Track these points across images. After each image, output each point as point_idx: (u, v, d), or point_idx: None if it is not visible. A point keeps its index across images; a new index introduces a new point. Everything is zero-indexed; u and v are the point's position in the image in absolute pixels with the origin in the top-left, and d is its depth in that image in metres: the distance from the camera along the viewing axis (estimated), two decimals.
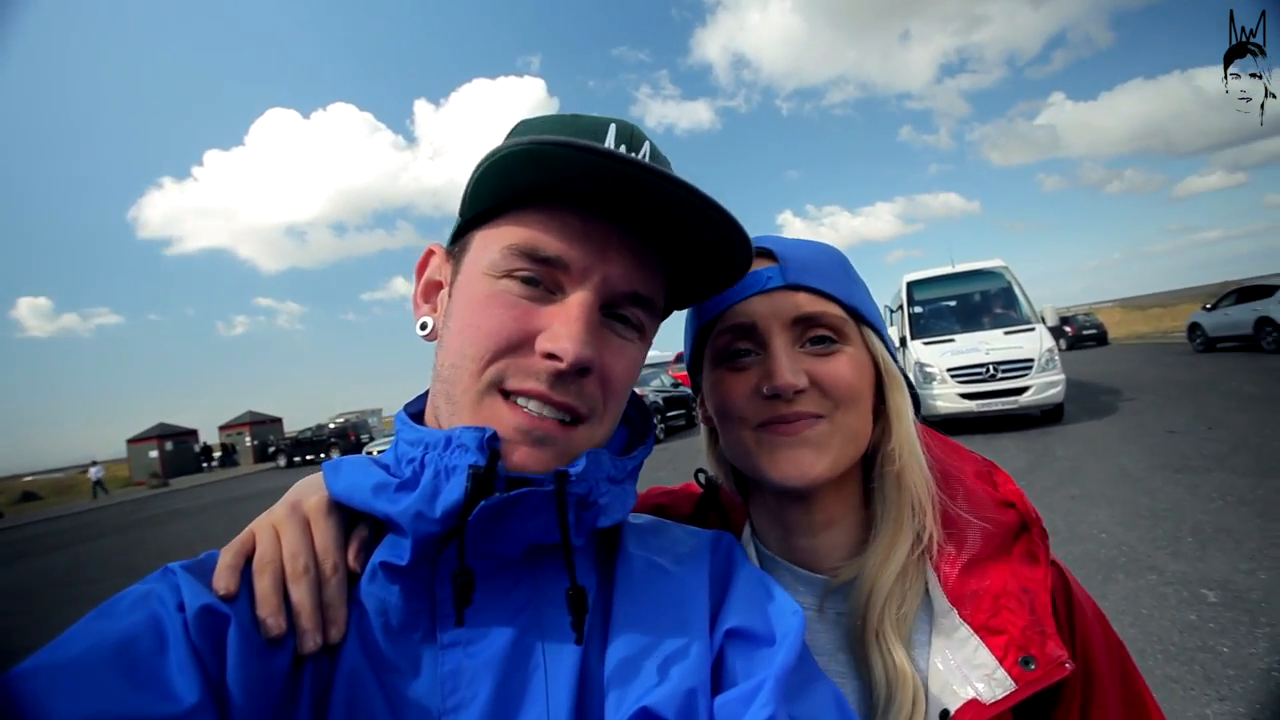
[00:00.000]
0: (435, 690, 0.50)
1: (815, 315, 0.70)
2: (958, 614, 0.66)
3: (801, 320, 0.70)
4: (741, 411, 0.72)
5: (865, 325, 0.74)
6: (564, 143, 0.47)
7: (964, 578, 0.67)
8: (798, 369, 0.68)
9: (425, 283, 0.64)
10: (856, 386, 0.70)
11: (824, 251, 0.76)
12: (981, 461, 0.78)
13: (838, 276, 0.73)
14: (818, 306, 0.70)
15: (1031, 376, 9.19)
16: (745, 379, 0.71)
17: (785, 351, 0.69)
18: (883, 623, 0.66)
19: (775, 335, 0.70)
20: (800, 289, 0.71)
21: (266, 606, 0.48)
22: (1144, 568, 4.07)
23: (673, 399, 16.23)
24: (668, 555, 0.62)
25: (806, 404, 0.68)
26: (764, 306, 0.70)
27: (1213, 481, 5.67)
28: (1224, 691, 2.71)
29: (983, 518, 0.70)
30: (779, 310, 0.70)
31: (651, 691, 0.50)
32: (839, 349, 0.71)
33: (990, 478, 0.75)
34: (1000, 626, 0.63)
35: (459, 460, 0.50)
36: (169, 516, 16.67)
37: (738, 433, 0.73)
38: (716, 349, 0.74)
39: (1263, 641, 3.05)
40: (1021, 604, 0.64)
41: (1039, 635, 0.62)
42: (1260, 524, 4.54)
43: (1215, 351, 17.37)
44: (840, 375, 0.69)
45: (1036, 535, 0.69)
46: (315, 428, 33.71)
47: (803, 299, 0.70)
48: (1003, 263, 10.93)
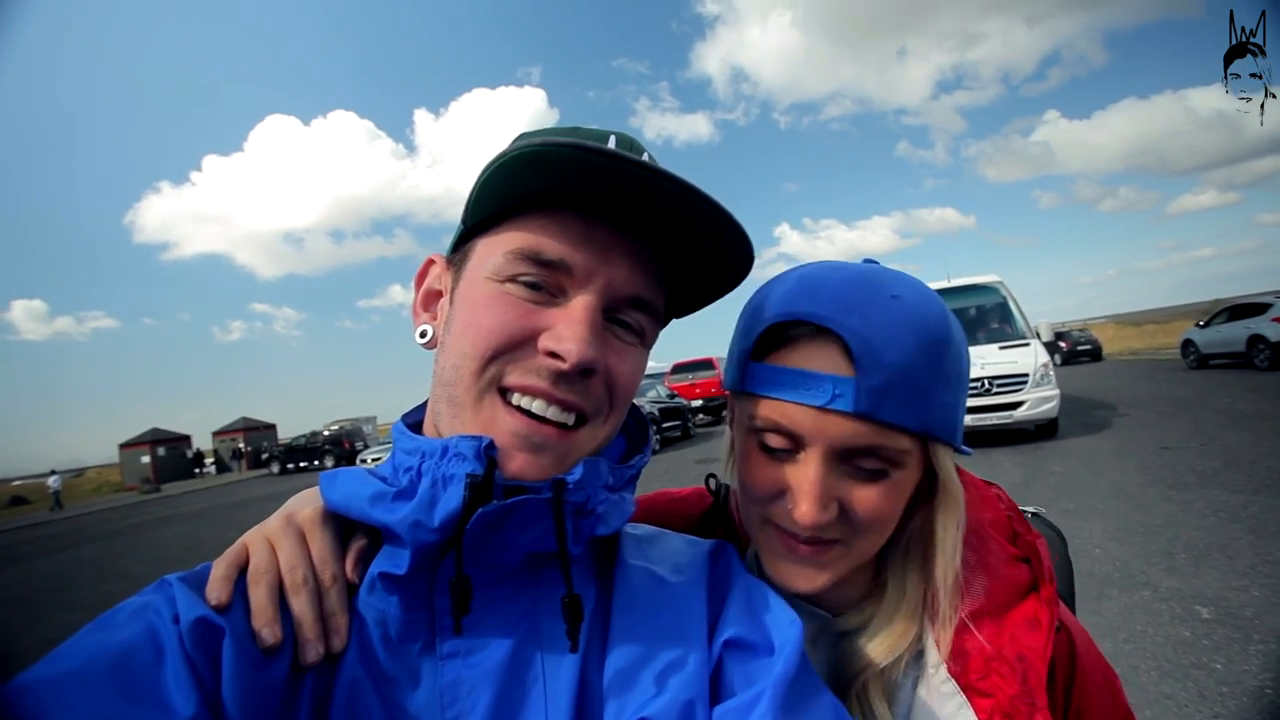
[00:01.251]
0: (435, 701, 0.49)
1: (874, 448, 0.58)
2: (946, 669, 0.63)
3: (856, 451, 0.59)
4: (759, 497, 0.65)
5: (937, 441, 0.61)
6: (569, 144, 0.48)
7: (959, 635, 0.63)
8: (830, 501, 0.59)
9: (425, 292, 0.64)
10: (888, 517, 0.62)
11: (920, 347, 0.58)
12: (1004, 508, 0.72)
13: (924, 391, 0.58)
14: (881, 440, 0.58)
15: (1026, 392, 9.21)
16: (773, 472, 0.63)
17: (822, 480, 0.59)
18: (867, 683, 0.65)
19: (817, 459, 0.59)
20: (869, 420, 0.57)
21: (262, 618, 0.48)
22: (1138, 583, 4.07)
23: (669, 410, 16.16)
24: (666, 565, 0.62)
25: (827, 530, 0.61)
26: (817, 423, 0.58)
27: (1206, 498, 5.68)
28: (1218, 709, 2.70)
29: (989, 572, 0.66)
30: (832, 435, 0.58)
31: (650, 702, 0.50)
32: (886, 475, 0.60)
33: (1009, 527, 0.70)
34: (989, 690, 0.61)
35: (456, 469, 0.50)
36: (160, 522, 16.51)
37: (749, 508, 0.68)
38: (753, 425, 0.64)
39: (1256, 659, 3.04)
40: (1014, 672, 0.60)
41: (1028, 707, 0.59)
42: (1253, 540, 4.55)
43: (1208, 368, 17.49)
44: (874, 507, 0.60)
45: (1045, 597, 0.64)
46: (309, 435, 33.38)
47: (867, 431, 0.57)
48: (998, 278, 10.99)
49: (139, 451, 43.16)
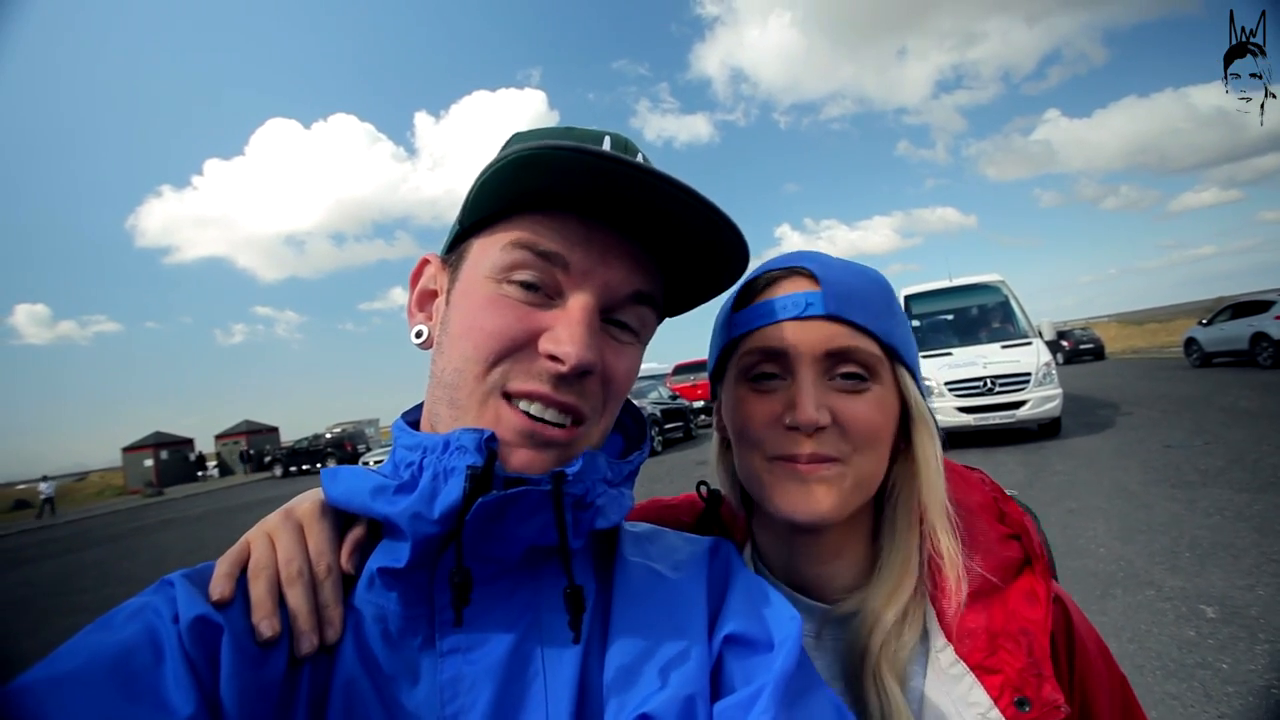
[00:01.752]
0: (434, 698, 0.50)
1: (849, 350, 0.67)
2: (954, 650, 0.65)
3: (834, 354, 0.67)
4: (759, 437, 0.70)
5: (900, 363, 0.71)
6: (569, 146, 0.48)
7: (962, 615, 0.66)
8: (822, 405, 0.66)
9: (420, 292, 0.65)
10: (879, 429, 0.68)
11: (869, 279, 0.72)
12: (989, 490, 0.76)
13: (880, 310, 0.69)
14: (853, 341, 0.67)
15: (1029, 391, 9.19)
16: (768, 404, 0.69)
17: (812, 384, 0.67)
18: (880, 660, 0.66)
19: (804, 366, 0.67)
20: (839, 320, 0.67)
21: (260, 610, 0.49)
22: (1142, 583, 4.06)
23: (671, 411, 16.17)
24: (665, 562, 0.62)
25: (824, 444, 0.66)
26: (798, 334, 0.68)
27: (1210, 496, 5.66)
28: (1224, 709, 2.70)
29: (984, 552, 0.69)
30: (813, 340, 0.67)
31: (651, 698, 0.50)
32: (868, 387, 0.68)
33: (997, 508, 0.74)
34: (996, 666, 0.63)
35: (457, 462, 0.50)
36: (162, 525, 16.54)
37: (751, 457, 0.71)
38: (742, 366, 0.72)
39: (1262, 658, 3.04)
40: (1019, 645, 0.63)
41: (1035, 678, 0.61)
42: (1258, 539, 4.53)
43: (1211, 366, 17.44)
44: (864, 417, 0.67)
45: (1039, 572, 0.67)
46: (312, 437, 33.49)
47: (838, 331, 0.67)
48: (1000, 277, 10.98)
49: (142, 455, 43.29)
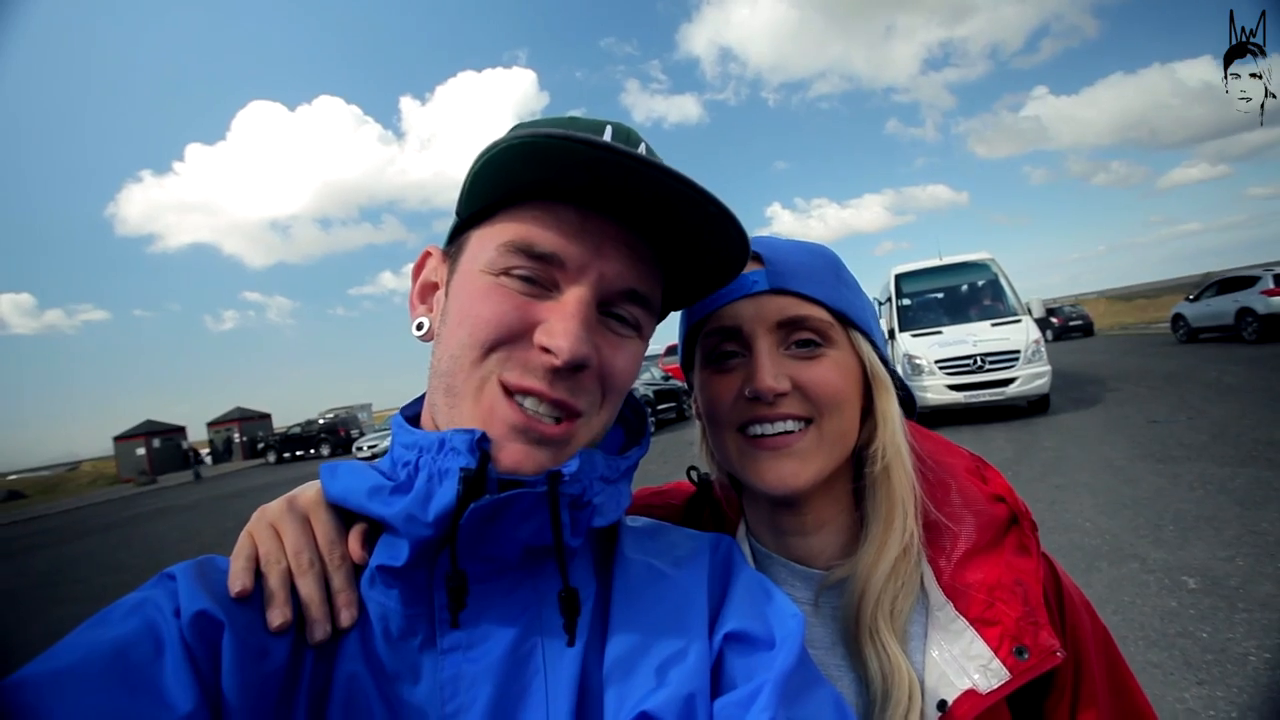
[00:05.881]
0: (435, 696, 0.50)
1: (799, 319, 0.71)
2: (953, 607, 0.67)
3: (786, 324, 0.71)
4: (726, 414, 0.73)
5: (853, 328, 0.74)
6: (561, 135, 0.47)
7: (958, 571, 0.68)
8: (780, 373, 0.69)
9: (422, 284, 0.64)
10: (840, 391, 0.71)
11: (813, 253, 0.76)
12: (971, 457, 0.79)
13: (826, 279, 0.73)
14: (802, 310, 0.71)
15: (1018, 368, 9.29)
16: (730, 381, 0.73)
17: (768, 355, 0.70)
18: (876, 620, 0.67)
19: (759, 339, 0.71)
20: (785, 293, 0.71)
21: (275, 601, 0.49)
22: (1126, 556, 4.14)
23: (664, 392, 16.24)
24: (666, 558, 0.62)
25: (789, 407, 0.70)
26: (749, 310, 0.71)
27: (1193, 470, 5.77)
28: (1203, 676, 2.78)
29: (975, 512, 0.71)
30: (763, 314, 0.71)
31: (651, 695, 0.50)
32: (823, 353, 0.71)
33: (980, 473, 0.76)
34: (995, 618, 0.65)
35: (451, 463, 0.50)
36: (156, 514, 16.49)
37: (723, 436, 0.74)
38: (705, 349, 0.76)
39: (1241, 627, 3.12)
40: (1015, 596, 0.65)
41: (1032, 626, 0.64)
42: (1239, 511, 4.63)
43: (1198, 342, 17.64)
44: (823, 379, 0.70)
45: (1027, 528, 0.70)
46: (304, 423, 33.37)
47: (787, 303, 0.71)
48: (990, 255, 11.01)
49: (134, 444, 42.93)
